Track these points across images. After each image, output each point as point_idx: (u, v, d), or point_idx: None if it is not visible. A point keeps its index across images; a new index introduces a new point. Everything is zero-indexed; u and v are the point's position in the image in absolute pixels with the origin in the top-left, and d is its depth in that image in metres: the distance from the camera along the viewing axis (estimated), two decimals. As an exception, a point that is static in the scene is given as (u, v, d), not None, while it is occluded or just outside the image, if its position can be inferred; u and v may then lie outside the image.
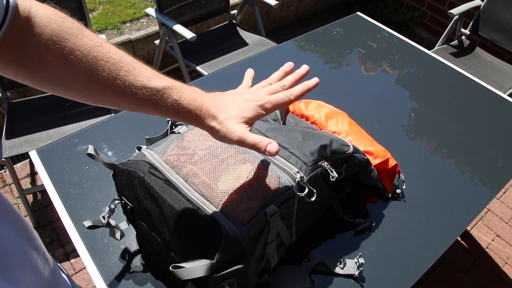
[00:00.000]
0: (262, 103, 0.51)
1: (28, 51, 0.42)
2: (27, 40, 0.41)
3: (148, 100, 0.47)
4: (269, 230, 0.58)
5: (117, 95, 0.46)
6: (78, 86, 0.46)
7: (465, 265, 1.71)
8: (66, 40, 0.43)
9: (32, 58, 0.42)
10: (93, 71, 0.44)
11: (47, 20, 0.42)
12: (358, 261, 0.72)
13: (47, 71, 0.43)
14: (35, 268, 0.42)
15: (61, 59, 0.43)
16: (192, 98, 0.49)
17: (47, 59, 0.43)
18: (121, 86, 0.46)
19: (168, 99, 0.48)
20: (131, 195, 0.65)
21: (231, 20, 2.22)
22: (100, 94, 0.47)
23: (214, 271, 0.53)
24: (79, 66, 0.44)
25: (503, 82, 2.04)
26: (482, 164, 1.00)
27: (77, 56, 0.43)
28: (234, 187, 0.60)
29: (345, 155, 0.70)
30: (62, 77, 0.44)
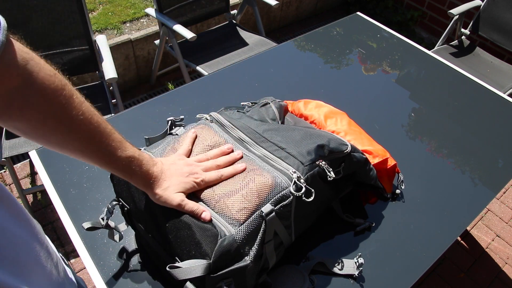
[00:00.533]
0: (198, 181, 0.60)
1: (10, 106, 0.41)
2: (13, 97, 0.41)
3: (111, 165, 0.54)
4: (266, 230, 0.58)
5: (84, 156, 0.51)
6: (50, 143, 0.48)
7: (465, 265, 1.71)
8: (53, 108, 0.44)
9: (12, 113, 0.42)
10: (69, 137, 0.48)
11: (41, 85, 0.42)
12: (357, 261, 0.72)
13: (23, 125, 0.45)
14: (38, 261, 0.42)
15: (42, 122, 0.44)
16: (146, 170, 0.57)
17: (27, 117, 0.43)
18: (91, 151, 0.51)
19: (129, 169, 0.55)
20: (128, 197, 0.65)
21: (231, 20, 2.22)
22: (69, 152, 0.50)
23: (211, 271, 0.53)
24: (57, 131, 0.46)
25: (503, 82, 2.04)
26: (482, 164, 1.00)
27: (57, 123, 0.46)
28: (230, 189, 0.60)
29: (343, 154, 0.70)
30: (37, 134, 0.46)
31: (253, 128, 0.71)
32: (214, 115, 0.75)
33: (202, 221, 0.57)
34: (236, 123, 0.72)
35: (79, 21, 1.57)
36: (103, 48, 1.66)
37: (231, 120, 0.73)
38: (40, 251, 0.43)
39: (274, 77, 1.20)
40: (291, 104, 0.93)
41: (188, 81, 2.04)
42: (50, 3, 1.48)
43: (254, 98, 0.93)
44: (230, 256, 0.54)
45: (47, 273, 0.44)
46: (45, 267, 0.43)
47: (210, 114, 0.75)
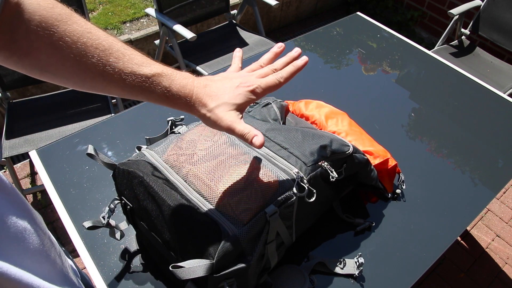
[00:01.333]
0: (253, 88, 0.51)
1: (17, 37, 0.41)
2: (15, 26, 0.41)
3: (138, 86, 0.47)
4: (268, 230, 0.58)
5: (107, 82, 0.46)
6: (68, 73, 0.45)
7: (465, 265, 1.71)
8: (56, 26, 0.42)
9: (21, 44, 0.42)
10: (83, 58, 0.44)
11: (36, 6, 0.42)
12: (358, 261, 0.72)
13: (37, 57, 0.43)
14: (41, 248, 0.41)
15: (51, 45, 0.43)
16: (182, 85, 0.49)
17: (36, 46, 0.42)
18: (110, 72, 0.45)
19: (158, 86, 0.48)
20: (131, 195, 0.65)
21: (231, 20, 2.22)
22: (89, 80, 0.46)
23: (214, 271, 0.53)
24: (69, 52, 0.43)
25: (503, 82, 2.04)
26: (482, 164, 1.00)
27: (66, 43, 0.43)
28: (233, 188, 0.60)
29: (345, 155, 0.70)
30: (52, 64, 0.44)
31: (256, 127, 0.71)
32: None
33: (253, 146, 0.49)
34: None
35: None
36: (103, 48, 1.65)
37: None
38: (44, 239, 0.42)
39: (274, 77, 1.20)
40: (292, 104, 0.93)
41: (188, 81, 2.04)
42: None
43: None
44: (233, 256, 0.54)
45: (51, 261, 0.43)
46: (49, 255, 0.43)
47: None
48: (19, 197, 0.40)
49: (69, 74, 0.45)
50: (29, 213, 0.41)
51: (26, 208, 0.41)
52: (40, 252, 0.41)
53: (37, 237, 0.40)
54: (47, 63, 0.44)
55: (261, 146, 0.49)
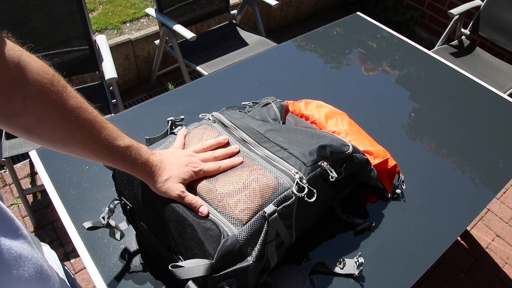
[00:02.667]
0: (197, 170, 0.61)
1: (13, 100, 0.43)
2: (14, 89, 0.42)
3: (111, 156, 0.54)
4: (268, 230, 0.58)
5: (86, 149, 0.52)
6: (53, 138, 0.49)
7: (465, 265, 1.71)
8: (53, 98, 0.46)
9: (15, 107, 0.43)
10: (72, 127, 0.49)
11: (37, 75, 0.44)
12: (358, 261, 0.72)
13: (28, 120, 0.45)
14: (37, 279, 0.40)
15: (45, 113, 0.46)
16: (146, 158, 0.57)
17: (31, 111, 0.45)
18: (91, 142, 0.51)
19: (129, 157, 0.55)
20: (131, 196, 0.65)
21: (231, 20, 2.22)
22: (70, 146, 0.51)
23: (213, 271, 0.53)
24: (60, 122, 0.47)
25: (503, 82, 2.04)
26: (482, 164, 1.00)
27: (60, 113, 0.47)
28: (232, 189, 0.60)
29: (344, 155, 0.70)
30: (41, 128, 0.47)
31: (255, 129, 0.71)
32: (216, 115, 0.75)
33: (200, 215, 0.57)
34: (238, 123, 0.72)
35: (79, 21, 1.57)
36: (103, 48, 1.66)
37: (233, 120, 0.73)
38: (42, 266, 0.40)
39: (274, 77, 1.20)
40: (291, 104, 0.93)
41: (188, 81, 2.04)
42: (50, 3, 1.48)
43: (254, 98, 0.93)
44: (232, 256, 0.54)
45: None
46: (46, 284, 0.41)
47: (212, 114, 0.75)
48: (14, 221, 0.39)
49: (54, 139, 0.49)
50: (25, 238, 0.39)
51: (22, 233, 0.39)
52: (36, 281, 0.39)
53: (33, 264, 0.39)
54: (36, 127, 0.47)
55: (208, 215, 0.57)
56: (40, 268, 0.40)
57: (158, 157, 0.59)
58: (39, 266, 0.40)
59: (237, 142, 0.69)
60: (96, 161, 0.55)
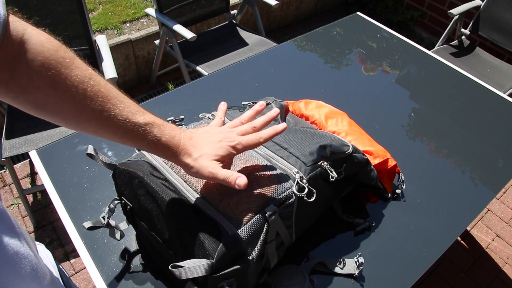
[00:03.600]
0: (234, 144, 0.54)
1: (17, 74, 0.42)
2: (17, 63, 0.41)
3: (130, 133, 0.49)
4: (268, 230, 0.58)
5: (101, 126, 0.48)
6: (64, 114, 0.46)
7: (465, 265, 1.71)
8: (58, 69, 0.43)
9: (20, 82, 0.42)
10: (81, 102, 0.45)
11: (41, 47, 0.42)
12: (358, 261, 0.72)
13: (35, 96, 0.44)
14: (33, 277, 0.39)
15: (51, 86, 0.43)
16: (171, 136, 0.52)
17: (36, 85, 0.43)
18: (106, 118, 0.47)
19: (149, 135, 0.50)
20: (131, 195, 0.65)
21: (231, 20, 2.22)
22: (84, 123, 0.48)
23: (213, 271, 0.53)
24: (68, 95, 0.44)
25: (503, 82, 2.04)
26: (482, 164, 1.00)
27: (67, 86, 0.44)
28: (233, 188, 0.60)
29: (344, 155, 0.70)
30: (49, 103, 0.45)
31: None
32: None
33: (238, 188, 0.52)
34: None
35: (79, 21, 1.57)
36: (103, 48, 1.66)
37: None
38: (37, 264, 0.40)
39: (274, 77, 1.20)
40: (291, 104, 0.93)
41: (188, 81, 2.04)
42: (50, 3, 1.48)
43: (254, 98, 0.93)
44: (232, 256, 0.54)
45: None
46: (41, 283, 0.41)
47: (213, 113, 0.75)
48: (10, 220, 0.38)
49: (65, 114, 0.46)
50: (22, 236, 0.39)
51: (18, 232, 0.39)
52: (32, 279, 0.39)
53: (29, 262, 0.39)
54: (44, 102, 0.45)
55: (245, 187, 0.52)
56: (36, 266, 0.40)
57: (188, 135, 0.54)
58: (35, 264, 0.40)
59: None
60: (116, 141, 0.50)
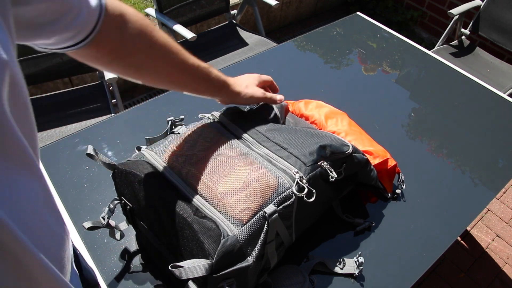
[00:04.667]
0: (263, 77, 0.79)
1: (124, 40, 0.54)
2: (122, 31, 0.53)
3: (202, 76, 0.66)
4: (268, 230, 0.58)
5: (186, 76, 0.64)
6: (159, 68, 0.61)
7: (465, 265, 1.71)
8: (150, 33, 0.57)
9: (127, 46, 0.55)
10: (170, 56, 0.60)
11: (135, 16, 0.55)
12: (358, 260, 0.72)
13: (136, 57, 0.57)
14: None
15: (149, 47, 0.57)
16: (223, 76, 0.69)
17: (138, 47, 0.56)
18: (186, 67, 0.63)
19: (212, 74, 0.67)
20: (131, 196, 0.65)
21: (231, 20, 2.22)
22: (174, 76, 0.63)
23: (213, 271, 0.53)
24: (161, 53, 0.59)
25: (503, 82, 2.04)
26: (482, 164, 1.00)
27: (159, 46, 0.58)
28: (233, 188, 0.60)
29: (344, 155, 0.70)
30: (147, 62, 0.59)
31: (255, 128, 0.71)
32: (216, 115, 0.75)
33: (278, 102, 0.78)
34: (238, 122, 0.72)
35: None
36: (103, 48, 1.65)
37: (233, 120, 0.73)
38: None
39: (274, 77, 1.19)
40: (291, 104, 0.93)
41: (188, 81, 2.04)
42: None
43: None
44: (232, 256, 0.54)
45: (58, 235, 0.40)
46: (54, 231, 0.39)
47: (212, 113, 0.75)
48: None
49: (160, 69, 0.61)
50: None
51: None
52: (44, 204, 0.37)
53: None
54: (144, 62, 0.58)
55: (282, 100, 0.79)
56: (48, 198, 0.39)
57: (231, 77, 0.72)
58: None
59: (237, 141, 0.69)
60: (193, 87, 0.67)
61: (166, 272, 0.66)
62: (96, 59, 0.55)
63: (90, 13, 0.47)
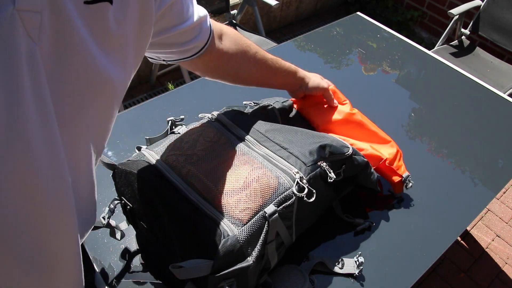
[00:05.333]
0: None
1: (224, 47, 0.69)
2: (223, 40, 0.69)
3: (286, 73, 0.82)
4: (268, 230, 0.58)
5: (275, 75, 0.81)
6: (252, 70, 0.76)
7: (465, 265, 1.71)
8: (241, 40, 0.72)
9: (228, 51, 0.70)
10: (261, 64, 0.76)
11: (229, 29, 0.71)
12: (358, 260, 0.72)
13: (235, 60, 0.72)
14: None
15: (242, 51, 0.72)
16: (288, 64, 0.83)
17: (234, 51, 0.71)
18: (273, 68, 0.79)
19: (290, 68, 0.83)
20: (131, 195, 0.65)
21: (231, 20, 2.22)
22: (263, 72, 0.79)
23: (213, 271, 0.53)
24: (250, 55, 0.74)
25: (503, 82, 2.04)
26: (482, 164, 1.00)
27: (249, 50, 0.73)
28: (233, 188, 0.60)
29: (343, 157, 0.70)
30: (243, 65, 0.74)
31: (256, 128, 0.71)
32: (216, 114, 0.75)
33: (333, 105, 0.88)
34: (238, 122, 0.72)
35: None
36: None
37: (233, 120, 0.73)
38: None
39: (274, 77, 1.20)
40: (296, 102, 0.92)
41: (188, 81, 2.04)
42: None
43: (254, 98, 0.93)
44: (232, 256, 0.54)
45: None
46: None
47: (212, 113, 0.75)
48: None
49: (253, 69, 0.76)
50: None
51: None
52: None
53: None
54: (241, 64, 0.74)
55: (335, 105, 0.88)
56: None
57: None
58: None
59: (237, 141, 0.69)
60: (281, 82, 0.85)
61: (166, 272, 0.66)
62: (205, 66, 0.70)
63: (204, 32, 0.62)
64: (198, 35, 0.61)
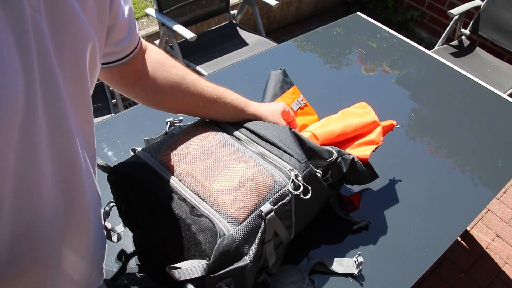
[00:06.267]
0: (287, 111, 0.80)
1: (145, 64, 0.63)
2: (147, 57, 0.64)
3: (220, 97, 0.70)
4: (265, 229, 0.58)
5: (201, 99, 0.68)
6: (176, 94, 0.66)
7: (465, 265, 1.71)
8: (166, 60, 0.66)
9: (148, 69, 0.64)
10: (183, 81, 0.66)
11: (155, 49, 0.67)
12: (357, 260, 0.72)
13: (155, 81, 0.64)
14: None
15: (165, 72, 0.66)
16: (236, 97, 0.72)
17: (156, 71, 0.65)
18: (200, 91, 0.68)
19: (229, 97, 0.70)
20: (126, 198, 0.64)
21: (231, 20, 2.22)
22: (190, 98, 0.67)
23: (210, 271, 0.53)
24: (176, 78, 0.66)
25: (503, 82, 2.04)
26: (482, 164, 1.00)
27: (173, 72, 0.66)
28: (228, 186, 0.59)
29: (326, 163, 0.70)
30: (164, 87, 0.66)
31: (249, 126, 0.71)
32: None
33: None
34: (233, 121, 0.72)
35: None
36: (103, 48, 1.65)
37: None
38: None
39: (274, 77, 1.20)
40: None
41: (188, 81, 2.03)
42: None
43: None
44: (229, 256, 0.54)
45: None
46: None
47: None
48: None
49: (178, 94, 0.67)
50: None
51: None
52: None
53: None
54: (161, 86, 0.65)
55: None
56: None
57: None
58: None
59: (231, 139, 0.68)
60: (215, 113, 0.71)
61: (163, 273, 0.66)
62: (123, 78, 0.63)
63: (133, 39, 0.59)
64: (126, 38, 0.57)
